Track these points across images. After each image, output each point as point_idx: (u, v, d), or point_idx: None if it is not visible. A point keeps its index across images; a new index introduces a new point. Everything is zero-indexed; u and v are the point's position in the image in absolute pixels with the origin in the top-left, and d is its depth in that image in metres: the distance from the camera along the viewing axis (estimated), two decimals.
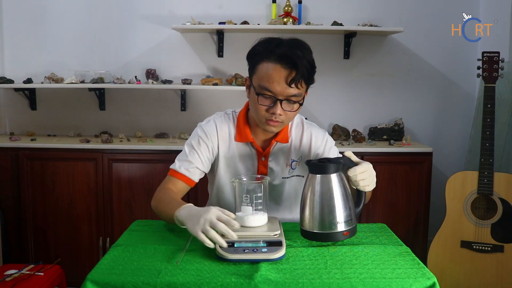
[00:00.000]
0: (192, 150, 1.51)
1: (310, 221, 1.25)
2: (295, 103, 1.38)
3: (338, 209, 1.23)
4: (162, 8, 3.01)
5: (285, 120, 1.41)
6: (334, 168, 1.25)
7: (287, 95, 1.35)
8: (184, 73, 3.03)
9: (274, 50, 1.34)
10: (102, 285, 1.08)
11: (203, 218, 1.18)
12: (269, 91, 1.35)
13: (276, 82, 1.33)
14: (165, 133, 3.03)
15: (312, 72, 1.38)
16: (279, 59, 1.33)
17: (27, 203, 2.69)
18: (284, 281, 1.07)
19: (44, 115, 3.11)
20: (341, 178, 1.26)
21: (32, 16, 3.02)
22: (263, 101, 1.38)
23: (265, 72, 1.35)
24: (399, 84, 3.11)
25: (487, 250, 2.33)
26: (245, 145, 1.53)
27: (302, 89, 1.37)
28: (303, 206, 1.27)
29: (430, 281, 1.08)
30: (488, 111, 2.32)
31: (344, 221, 1.24)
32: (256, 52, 1.38)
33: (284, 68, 1.33)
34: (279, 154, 1.53)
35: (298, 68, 1.31)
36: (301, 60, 1.32)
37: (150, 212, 1.47)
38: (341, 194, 1.24)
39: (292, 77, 1.32)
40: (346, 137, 2.98)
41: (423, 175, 2.72)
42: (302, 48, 1.35)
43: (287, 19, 2.86)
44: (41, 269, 2.04)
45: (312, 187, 1.25)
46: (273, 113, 1.37)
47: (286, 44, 1.36)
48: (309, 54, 1.36)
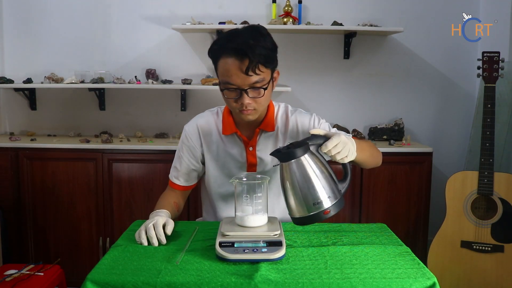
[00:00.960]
0: (178, 157, 1.63)
1: (295, 208, 1.23)
2: (260, 88, 1.40)
3: (317, 189, 1.21)
4: (162, 8, 3.01)
5: (258, 107, 1.44)
6: (301, 151, 1.22)
7: (249, 83, 1.38)
8: (184, 73, 3.03)
9: (227, 46, 1.37)
10: (102, 285, 1.08)
11: (144, 224, 1.35)
12: (232, 84, 1.39)
13: (235, 75, 1.37)
14: (165, 133, 3.03)
15: (271, 54, 1.40)
16: (233, 52, 1.36)
17: (27, 203, 2.69)
18: (284, 281, 1.07)
19: (44, 115, 3.11)
20: (312, 158, 1.23)
21: (32, 16, 3.02)
22: (229, 95, 1.42)
23: (224, 68, 1.39)
24: (399, 84, 3.11)
25: (487, 250, 2.33)
26: (232, 137, 1.56)
27: (264, 74, 1.39)
28: (285, 196, 1.25)
29: (430, 281, 1.08)
30: (488, 111, 2.32)
31: (327, 198, 1.21)
32: (214, 51, 1.43)
33: (238, 60, 1.36)
34: (267, 143, 1.56)
35: (250, 56, 1.34)
36: (253, 48, 1.34)
37: (150, 212, 1.47)
38: (315, 174, 1.21)
39: (247, 66, 1.35)
40: None
41: (423, 175, 2.72)
42: (256, 35, 1.38)
43: (287, 19, 2.86)
44: (41, 269, 2.04)
45: (286, 175, 1.23)
46: (242, 103, 1.41)
47: (240, 35, 1.39)
48: (263, 40, 1.38)
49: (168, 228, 1.33)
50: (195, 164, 1.60)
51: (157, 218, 1.36)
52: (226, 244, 1.20)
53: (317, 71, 3.07)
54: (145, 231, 1.31)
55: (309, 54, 3.05)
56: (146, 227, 1.33)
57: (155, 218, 1.36)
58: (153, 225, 1.32)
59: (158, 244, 1.29)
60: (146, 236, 1.30)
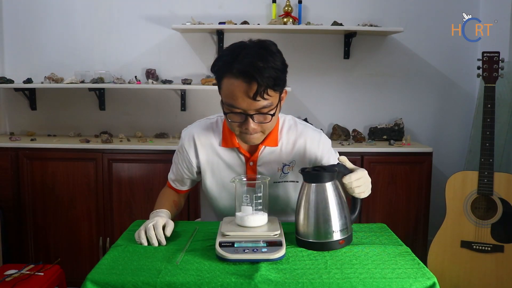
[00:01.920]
0: (174, 162, 1.60)
1: (305, 230, 1.25)
2: (266, 114, 1.31)
3: (333, 218, 1.23)
4: (162, 8, 3.01)
5: (265, 130, 1.36)
6: (329, 177, 1.23)
7: (256, 109, 1.28)
8: (184, 73, 3.03)
9: (233, 64, 1.26)
10: (102, 285, 1.08)
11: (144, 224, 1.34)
12: (236, 108, 1.29)
13: (241, 99, 1.27)
14: (165, 133, 3.03)
15: (281, 75, 1.29)
16: (239, 74, 1.25)
17: (27, 203, 2.69)
18: (284, 281, 1.07)
19: (44, 115, 3.11)
20: (336, 186, 1.25)
21: (32, 16, 3.02)
22: (233, 118, 1.33)
23: (228, 89, 1.28)
24: (399, 84, 3.11)
25: (487, 250, 2.33)
26: (232, 150, 1.49)
27: (272, 98, 1.29)
28: (298, 215, 1.26)
29: (430, 281, 1.08)
30: (488, 111, 2.32)
31: (340, 230, 1.23)
32: (218, 67, 1.31)
33: (245, 83, 1.25)
34: (269, 158, 1.48)
35: (258, 81, 1.23)
36: (261, 71, 1.23)
37: (150, 212, 1.47)
38: (336, 203, 1.23)
39: (255, 91, 1.24)
40: (346, 137, 2.98)
41: (423, 175, 2.72)
42: (264, 56, 1.26)
43: (287, 19, 2.86)
44: (41, 269, 2.04)
45: (307, 196, 1.24)
46: (246, 128, 1.32)
47: (248, 53, 1.27)
48: (273, 60, 1.26)
49: (168, 229, 1.32)
50: (189, 174, 1.56)
51: (157, 218, 1.35)
52: (226, 244, 1.20)
53: (317, 71, 3.06)
54: (144, 231, 1.31)
55: (309, 54, 3.05)
56: (146, 227, 1.32)
57: (155, 219, 1.35)
58: (153, 226, 1.31)
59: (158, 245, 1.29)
60: (145, 236, 1.30)
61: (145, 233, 1.31)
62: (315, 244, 1.24)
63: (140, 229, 1.32)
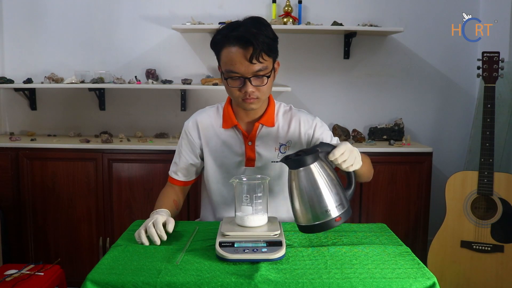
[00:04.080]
0: (177, 152, 1.65)
1: (302, 216, 1.24)
2: (263, 76, 1.42)
3: (326, 197, 1.21)
4: (162, 8, 3.01)
5: (261, 95, 1.45)
6: (312, 158, 1.22)
7: (253, 72, 1.40)
8: (184, 73, 3.03)
9: (230, 35, 1.39)
10: (102, 285, 1.08)
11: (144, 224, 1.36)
12: (235, 73, 1.41)
13: (239, 63, 1.39)
14: (165, 133, 3.03)
15: (273, 43, 1.43)
16: (236, 41, 1.38)
17: (27, 203, 2.69)
18: (284, 281, 1.07)
19: (44, 115, 3.11)
20: (322, 166, 1.23)
21: (32, 16, 3.02)
22: (232, 83, 1.44)
23: (227, 57, 1.41)
24: (399, 84, 3.11)
25: (487, 250, 2.33)
26: (231, 131, 1.56)
27: (267, 62, 1.42)
28: (292, 203, 1.25)
29: (430, 281, 1.08)
30: (488, 111, 2.32)
31: (335, 206, 1.21)
32: (217, 41, 1.44)
33: (242, 48, 1.38)
34: (267, 139, 1.56)
35: (254, 44, 1.36)
36: (256, 36, 1.37)
37: (150, 212, 1.47)
38: (324, 182, 1.22)
39: (251, 54, 1.37)
40: (346, 137, 2.98)
41: (423, 175, 2.72)
42: (258, 25, 1.41)
43: (287, 19, 2.86)
44: (41, 269, 2.04)
45: (296, 182, 1.23)
46: (245, 91, 1.42)
47: (242, 25, 1.41)
48: (265, 29, 1.41)
49: (169, 226, 1.33)
50: (194, 159, 1.61)
51: (157, 216, 1.36)
52: (226, 244, 1.20)
53: (317, 71, 3.07)
54: (145, 230, 1.31)
55: (309, 54, 3.05)
56: (146, 226, 1.33)
57: (154, 217, 1.36)
58: (153, 224, 1.32)
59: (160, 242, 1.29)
60: (146, 235, 1.30)
61: (145, 232, 1.31)
62: (314, 226, 1.22)
63: (140, 229, 1.33)
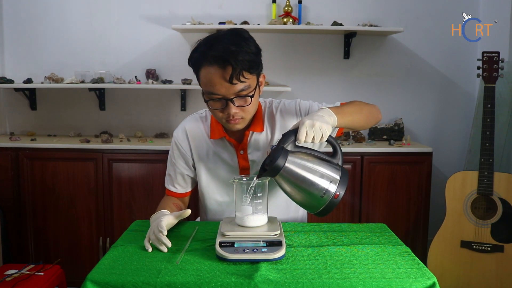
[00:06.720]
0: (171, 164, 1.58)
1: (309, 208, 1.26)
2: (246, 96, 1.34)
3: (314, 184, 1.21)
4: (162, 8, 3.01)
5: (246, 115, 1.38)
6: (282, 159, 1.20)
7: (235, 92, 1.31)
8: (184, 73, 3.03)
9: (208, 54, 1.30)
10: (102, 285, 1.08)
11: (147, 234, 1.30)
12: (216, 94, 1.32)
13: (219, 84, 1.30)
14: (165, 133, 3.03)
15: (255, 58, 1.33)
16: (214, 60, 1.29)
17: (27, 203, 2.69)
18: (284, 281, 1.07)
19: (44, 115, 3.11)
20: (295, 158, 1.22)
21: (32, 16, 3.02)
22: (214, 105, 1.36)
23: (206, 77, 1.32)
24: (399, 84, 3.11)
25: (487, 250, 2.33)
26: (221, 141, 1.50)
27: (249, 80, 1.33)
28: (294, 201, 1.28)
29: (430, 281, 1.08)
30: (488, 111, 2.32)
31: (328, 185, 1.21)
32: (194, 59, 1.35)
33: (221, 68, 1.29)
34: (258, 145, 1.49)
35: (233, 64, 1.27)
36: (235, 55, 1.27)
37: (150, 212, 1.47)
38: (306, 171, 1.21)
39: (230, 74, 1.28)
40: (346, 137, 2.98)
41: (423, 175, 2.72)
42: (237, 40, 1.31)
43: (287, 19, 2.86)
44: (41, 269, 2.04)
45: (283, 186, 1.24)
46: (228, 113, 1.35)
47: (220, 41, 1.31)
48: (246, 44, 1.31)
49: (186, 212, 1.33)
50: (187, 168, 1.56)
51: (156, 222, 1.30)
52: (226, 244, 1.20)
53: (317, 71, 3.06)
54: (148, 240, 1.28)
55: (309, 54, 3.05)
56: (148, 237, 1.29)
57: (153, 224, 1.31)
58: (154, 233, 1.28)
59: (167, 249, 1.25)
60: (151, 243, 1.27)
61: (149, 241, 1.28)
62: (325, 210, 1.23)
63: (145, 240, 1.29)
